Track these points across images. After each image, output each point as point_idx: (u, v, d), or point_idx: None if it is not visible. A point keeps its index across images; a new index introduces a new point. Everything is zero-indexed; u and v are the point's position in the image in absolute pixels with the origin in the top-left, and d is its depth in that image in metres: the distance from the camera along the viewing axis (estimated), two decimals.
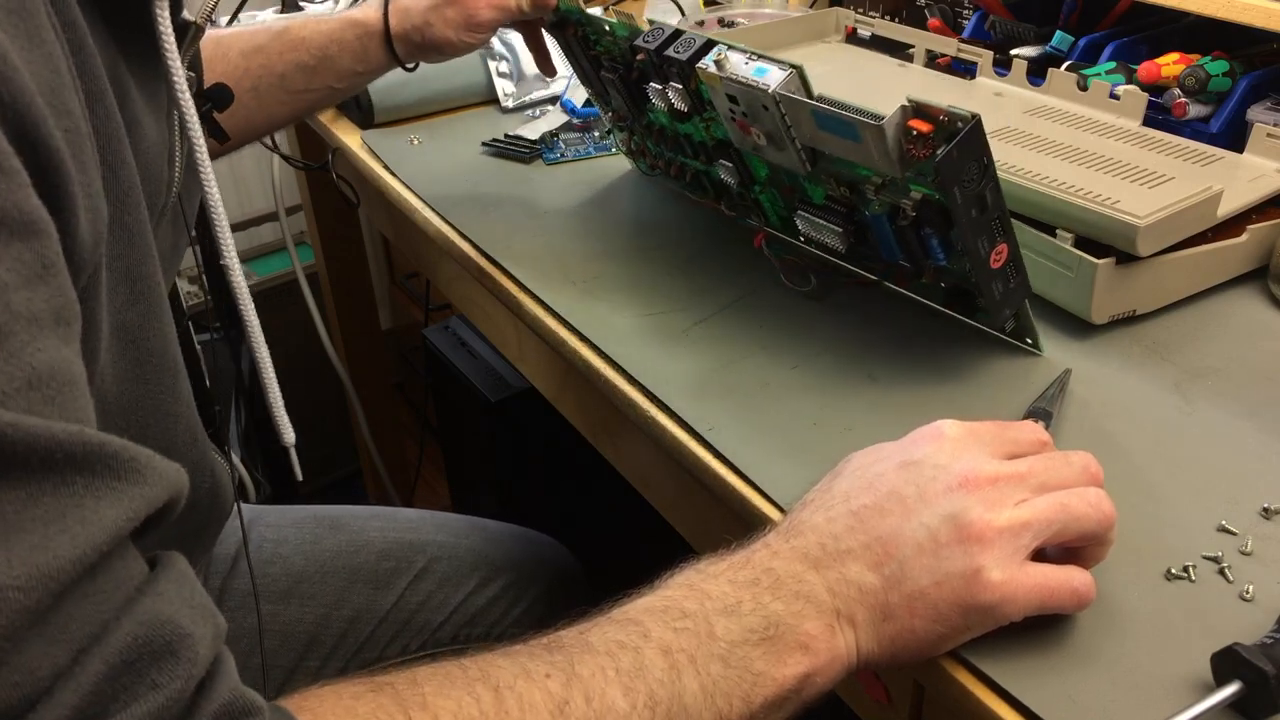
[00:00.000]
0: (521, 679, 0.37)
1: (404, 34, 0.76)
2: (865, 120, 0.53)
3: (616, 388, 0.62)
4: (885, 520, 0.43)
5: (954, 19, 0.97)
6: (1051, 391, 0.56)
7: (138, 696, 0.30)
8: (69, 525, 0.29)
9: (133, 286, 0.41)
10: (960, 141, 0.50)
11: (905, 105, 0.52)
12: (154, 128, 0.45)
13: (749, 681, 0.40)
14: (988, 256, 0.55)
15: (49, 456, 0.29)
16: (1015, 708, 0.41)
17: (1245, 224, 0.66)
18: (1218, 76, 0.74)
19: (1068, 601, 0.42)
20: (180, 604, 0.32)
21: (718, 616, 0.41)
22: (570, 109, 0.96)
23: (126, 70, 0.43)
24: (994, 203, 0.54)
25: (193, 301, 1.58)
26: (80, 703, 0.29)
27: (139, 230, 0.41)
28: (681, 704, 0.39)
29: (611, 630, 0.40)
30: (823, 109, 0.55)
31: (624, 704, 0.38)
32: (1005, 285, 0.57)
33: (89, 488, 0.30)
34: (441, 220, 0.82)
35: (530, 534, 0.93)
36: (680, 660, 0.39)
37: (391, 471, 1.57)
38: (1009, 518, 0.42)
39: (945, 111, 0.50)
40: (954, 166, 0.51)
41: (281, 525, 0.83)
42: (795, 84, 0.57)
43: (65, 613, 0.29)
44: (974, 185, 0.52)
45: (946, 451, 0.44)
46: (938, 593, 0.41)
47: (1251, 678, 0.39)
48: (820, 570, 0.42)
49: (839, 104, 0.55)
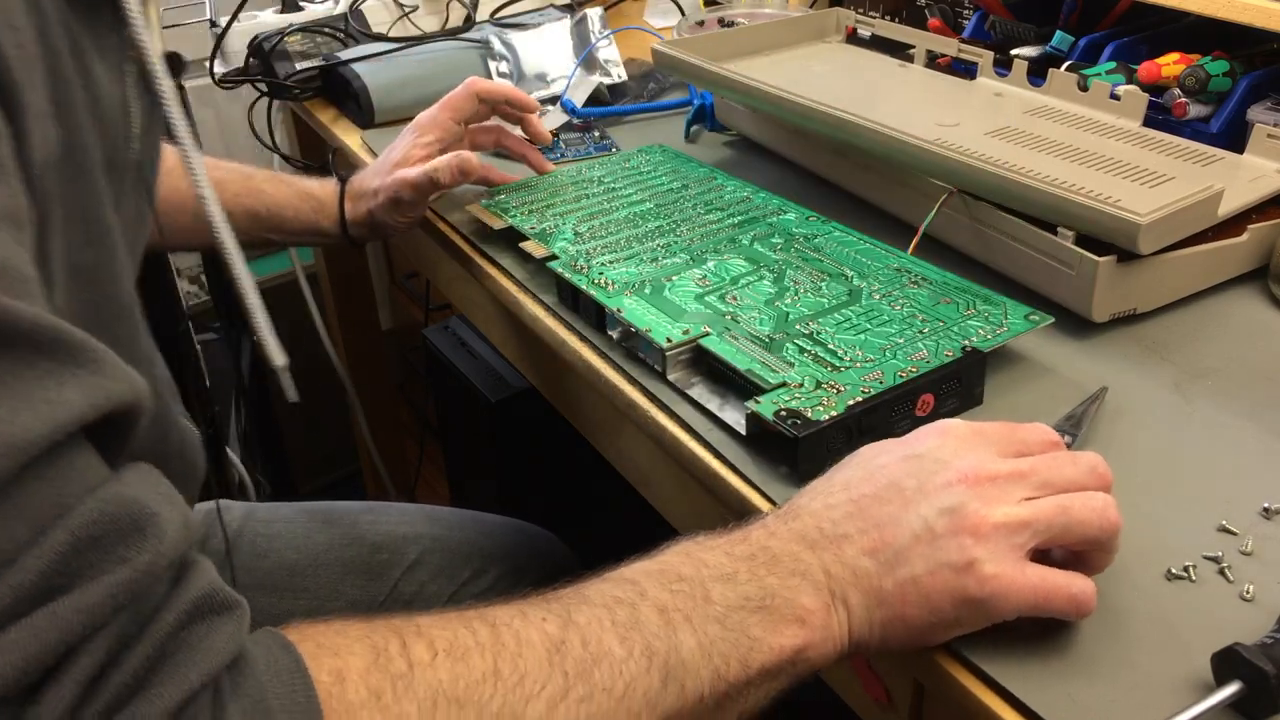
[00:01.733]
0: (518, 619, 0.38)
1: (356, 221, 0.82)
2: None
3: (616, 388, 0.62)
4: (883, 509, 0.43)
5: (954, 19, 0.97)
6: (1081, 409, 0.55)
7: (105, 570, 0.30)
8: (34, 403, 0.29)
9: (87, 229, 0.41)
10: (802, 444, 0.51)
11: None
12: (106, 78, 0.44)
13: (746, 645, 0.40)
14: (915, 422, 0.55)
15: (11, 336, 0.29)
16: (1015, 707, 0.41)
17: (1245, 224, 0.66)
18: (1218, 76, 0.74)
19: (1064, 606, 0.42)
20: (147, 489, 0.32)
21: (714, 583, 0.41)
22: (570, 109, 0.96)
23: (75, 20, 0.42)
24: (878, 423, 0.53)
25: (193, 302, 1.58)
26: (46, 569, 0.29)
27: (90, 170, 0.41)
28: (679, 657, 0.39)
29: (608, 587, 0.41)
30: None
31: (620, 650, 0.38)
32: (953, 408, 0.57)
33: (51, 372, 0.30)
34: (441, 220, 0.82)
35: (524, 526, 0.93)
36: (676, 619, 0.40)
37: (391, 471, 1.57)
38: (1006, 514, 0.42)
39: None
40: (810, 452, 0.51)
41: (273, 520, 0.84)
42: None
43: (28, 489, 0.29)
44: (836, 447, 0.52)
45: (950, 448, 0.44)
46: (931, 581, 0.41)
47: (1252, 678, 0.39)
48: (817, 552, 0.43)
49: None
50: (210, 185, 0.49)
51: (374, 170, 0.81)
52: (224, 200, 0.78)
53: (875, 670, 0.51)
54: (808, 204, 0.76)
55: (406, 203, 0.79)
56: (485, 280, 0.76)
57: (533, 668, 0.36)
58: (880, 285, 0.64)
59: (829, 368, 0.56)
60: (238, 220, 0.80)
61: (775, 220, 0.74)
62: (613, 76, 1.02)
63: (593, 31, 1.04)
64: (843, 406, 0.53)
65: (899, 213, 0.75)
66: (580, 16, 1.06)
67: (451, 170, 0.76)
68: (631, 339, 0.64)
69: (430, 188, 0.77)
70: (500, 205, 0.79)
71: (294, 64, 1.05)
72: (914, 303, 0.62)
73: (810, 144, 0.82)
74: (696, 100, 0.94)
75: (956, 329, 0.59)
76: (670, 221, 0.75)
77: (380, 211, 0.80)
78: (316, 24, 1.10)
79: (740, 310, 0.63)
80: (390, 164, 0.80)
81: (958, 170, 0.65)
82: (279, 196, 0.81)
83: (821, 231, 0.72)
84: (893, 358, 0.57)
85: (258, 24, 1.12)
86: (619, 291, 0.65)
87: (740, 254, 0.69)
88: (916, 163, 0.68)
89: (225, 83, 1.06)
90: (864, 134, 0.70)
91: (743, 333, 0.60)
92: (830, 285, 0.65)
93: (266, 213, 0.81)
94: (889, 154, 0.70)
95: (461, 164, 0.77)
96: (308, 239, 0.84)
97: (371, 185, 0.80)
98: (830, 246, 0.70)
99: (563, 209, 0.77)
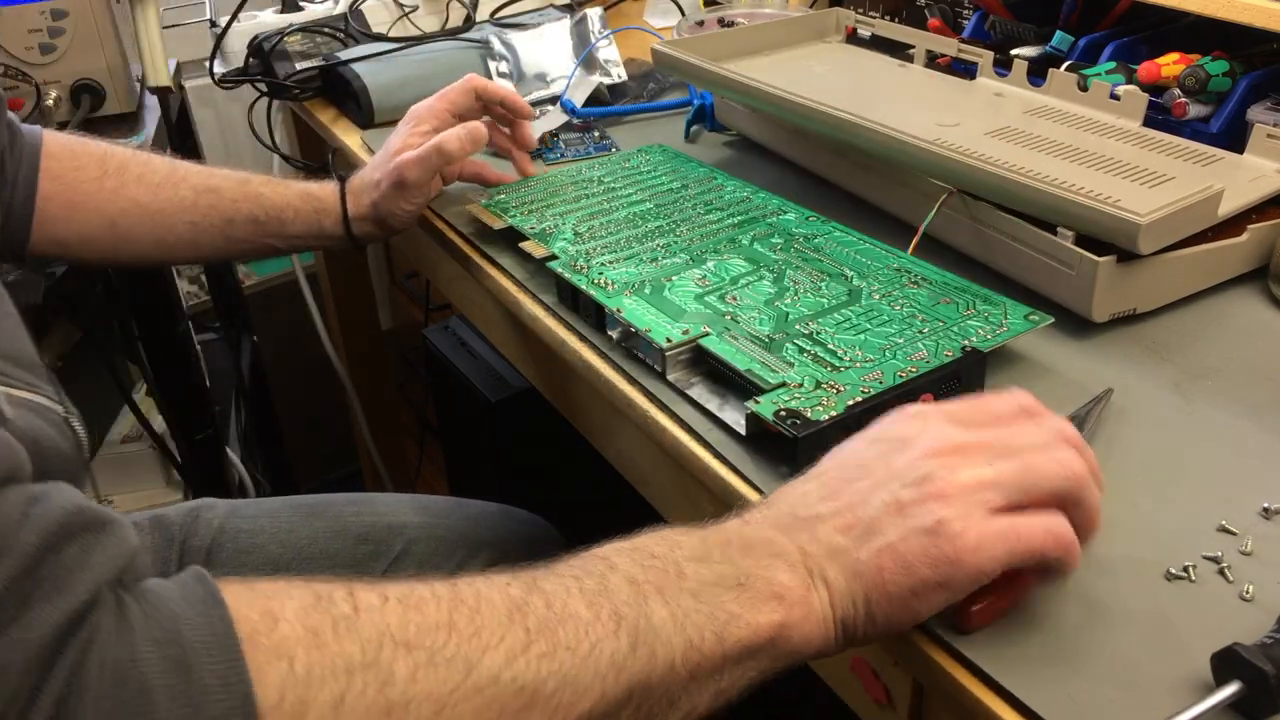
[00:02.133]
0: (480, 580, 0.37)
1: (360, 216, 0.80)
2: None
3: (616, 388, 0.62)
4: (853, 487, 0.44)
5: (954, 19, 0.97)
6: (1085, 409, 0.55)
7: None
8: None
9: None
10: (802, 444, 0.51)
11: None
12: None
13: (721, 619, 0.40)
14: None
15: None
16: (1015, 707, 0.41)
17: (1245, 224, 0.66)
18: (1218, 76, 0.74)
19: (1042, 542, 0.41)
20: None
21: (688, 562, 0.41)
22: (570, 109, 0.96)
23: None
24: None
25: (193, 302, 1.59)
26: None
27: None
28: (649, 624, 0.38)
29: (578, 561, 0.40)
30: None
31: (587, 614, 0.37)
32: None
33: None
34: (440, 220, 0.82)
35: (513, 511, 0.92)
36: (647, 589, 0.39)
37: (391, 471, 1.57)
38: (970, 475, 0.42)
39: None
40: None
41: (257, 516, 0.83)
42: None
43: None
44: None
45: (916, 427, 0.45)
46: (904, 546, 0.41)
47: (1251, 678, 0.39)
48: (791, 534, 0.43)
49: None
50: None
51: (373, 164, 0.81)
52: (224, 207, 0.79)
53: (875, 670, 0.51)
54: (808, 204, 0.76)
55: (411, 186, 0.77)
56: (485, 280, 0.76)
57: (491, 622, 0.35)
58: (880, 285, 0.64)
59: (829, 368, 0.56)
60: (240, 227, 0.79)
61: (775, 220, 0.74)
62: (613, 76, 1.02)
63: (593, 31, 1.04)
64: (842, 406, 0.53)
65: (899, 213, 0.75)
66: (580, 16, 1.06)
67: (460, 140, 0.75)
68: (631, 339, 0.64)
69: (437, 161, 0.76)
70: (500, 205, 0.79)
71: (294, 64, 1.05)
72: (914, 303, 0.62)
73: (810, 144, 0.82)
74: (696, 100, 0.94)
75: (956, 329, 0.59)
76: (670, 221, 0.75)
77: (384, 201, 0.79)
78: (316, 24, 1.10)
79: (740, 310, 0.63)
80: (390, 153, 0.79)
81: (958, 170, 0.65)
82: (278, 199, 0.80)
83: (821, 231, 0.72)
84: (892, 358, 0.57)
85: (258, 24, 1.12)
86: (619, 291, 0.65)
87: (740, 254, 0.69)
88: (916, 163, 0.68)
89: (225, 83, 1.06)
90: (864, 134, 0.70)
91: (742, 333, 0.60)
92: (830, 285, 0.65)
93: (266, 217, 0.80)
94: (889, 154, 0.70)
95: (471, 132, 0.76)
96: (311, 242, 0.83)
97: (373, 177, 0.79)
98: (830, 246, 0.70)
99: (562, 209, 0.77)
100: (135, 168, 0.77)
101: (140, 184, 0.77)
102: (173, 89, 1.08)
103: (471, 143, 0.76)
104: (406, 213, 0.79)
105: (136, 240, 0.77)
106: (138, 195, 0.76)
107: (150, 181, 0.77)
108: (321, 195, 0.81)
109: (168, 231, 0.77)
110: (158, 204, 0.77)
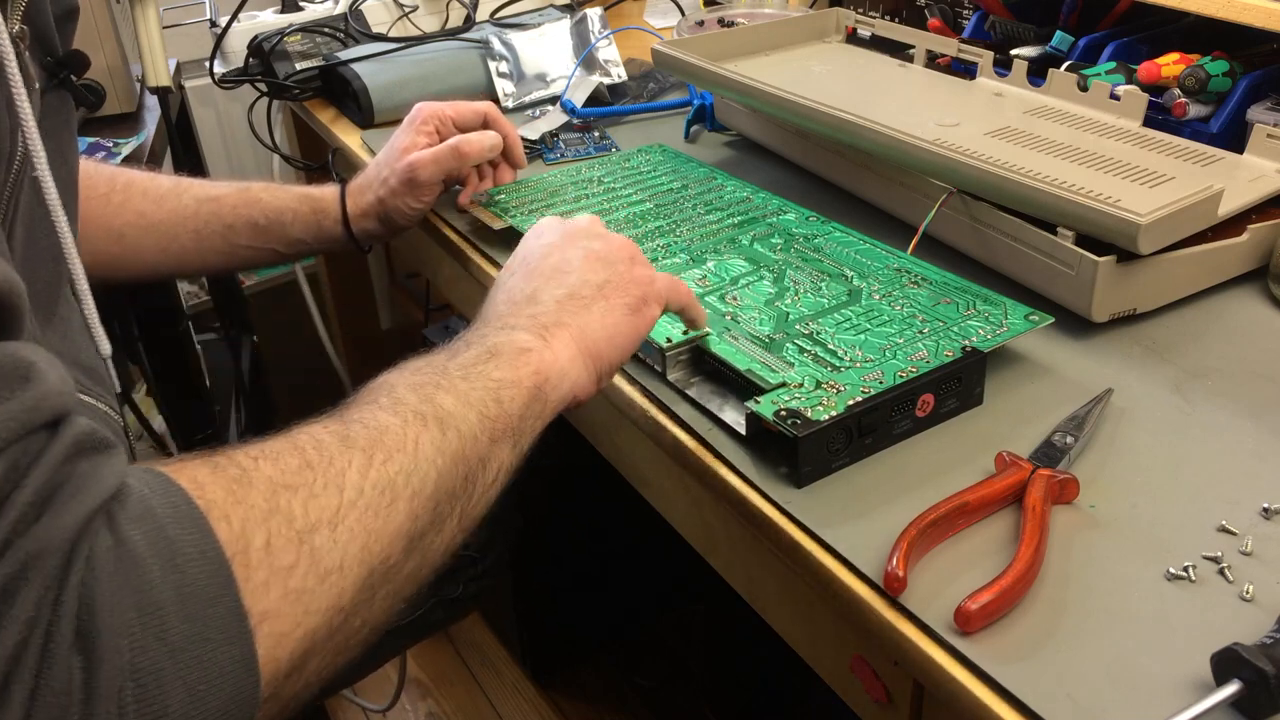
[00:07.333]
0: (301, 430, 0.42)
1: (361, 214, 0.80)
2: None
3: (616, 387, 0.62)
4: (548, 260, 0.55)
5: (954, 19, 0.97)
6: (1085, 410, 0.55)
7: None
8: None
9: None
10: (802, 444, 0.51)
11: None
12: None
13: (493, 387, 0.48)
14: (915, 422, 0.55)
15: None
16: (1015, 707, 0.41)
17: (1245, 224, 0.66)
18: (1218, 76, 0.74)
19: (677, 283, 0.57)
20: (30, 350, 0.33)
21: (446, 360, 0.49)
22: (570, 109, 0.96)
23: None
24: (878, 423, 0.54)
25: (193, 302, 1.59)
26: None
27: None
28: (445, 410, 0.45)
29: (363, 394, 0.47)
30: None
31: (396, 421, 0.44)
32: (953, 408, 0.57)
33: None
34: (440, 219, 0.82)
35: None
36: (429, 389, 0.46)
37: None
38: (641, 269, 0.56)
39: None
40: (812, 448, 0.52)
41: None
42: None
43: None
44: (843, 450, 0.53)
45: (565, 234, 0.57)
46: (608, 288, 0.54)
47: (1251, 678, 0.39)
48: (516, 312, 0.53)
49: None
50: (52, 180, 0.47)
51: (378, 162, 0.80)
52: (224, 214, 0.79)
53: (875, 670, 0.51)
54: (808, 204, 0.76)
55: (423, 184, 0.77)
56: (485, 280, 0.76)
57: (333, 453, 0.41)
58: (880, 285, 0.64)
59: (829, 368, 0.56)
60: (241, 233, 0.79)
61: (775, 220, 0.74)
62: (613, 76, 1.02)
63: (593, 31, 1.04)
64: (843, 406, 0.53)
65: (899, 213, 0.75)
66: (580, 16, 1.06)
67: (480, 147, 0.77)
68: None
69: (452, 161, 0.77)
70: (500, 205, 0.79)
71: (294, 64, 1.05)
72: (914, 303, 0.62)
73: (810, 144, 0.82)
74: (696, 100, 0.94)
75: (956, 329, 0.59)
76: (670, 222, 0.75)
77: (392, 197, 0.78)
78: (316, 24, 1.10)
79: (740, 310, 0.63)
80: (398, 150, 0.79)
81: (958, 170, 0.65)
82: (277, 203, 0.80)
83: (821, 232, 0.72)
84: (892, 358, 0.57)
85: (258, 24, 1.12)
86: None
87: (740, 254, 0.69)
88: (916, 163, 0.68)
89: (225, 83, 1.06)
90: (864, 134, 0.70)
91: (743, 333, 0.60)
92: (830, 285, 0.65)
93: (267, 221, 0.80)
94: (889, 154, 0.70)
95: (495, 144, 0.79)
96: (313, 245, 0.82)
97: (380, 174, 0.79)
98: (830, 247, 0.70)
99: (563, 209, 0.77)
100: (141, 183, 0.78)
101: (145, 197, 0.78)
102: (173, 89, 1.08)
103: (490, 151, 0.79)
104: (414, 210, 0.79)
105: (143, 252, 0.78)
106: (142, 207, 0.78)
107: (154, 194, 0.78)
108: (320, 197, 0.81)
109: (171, 241, 0.78)
110: (161, 214, 0.78)
